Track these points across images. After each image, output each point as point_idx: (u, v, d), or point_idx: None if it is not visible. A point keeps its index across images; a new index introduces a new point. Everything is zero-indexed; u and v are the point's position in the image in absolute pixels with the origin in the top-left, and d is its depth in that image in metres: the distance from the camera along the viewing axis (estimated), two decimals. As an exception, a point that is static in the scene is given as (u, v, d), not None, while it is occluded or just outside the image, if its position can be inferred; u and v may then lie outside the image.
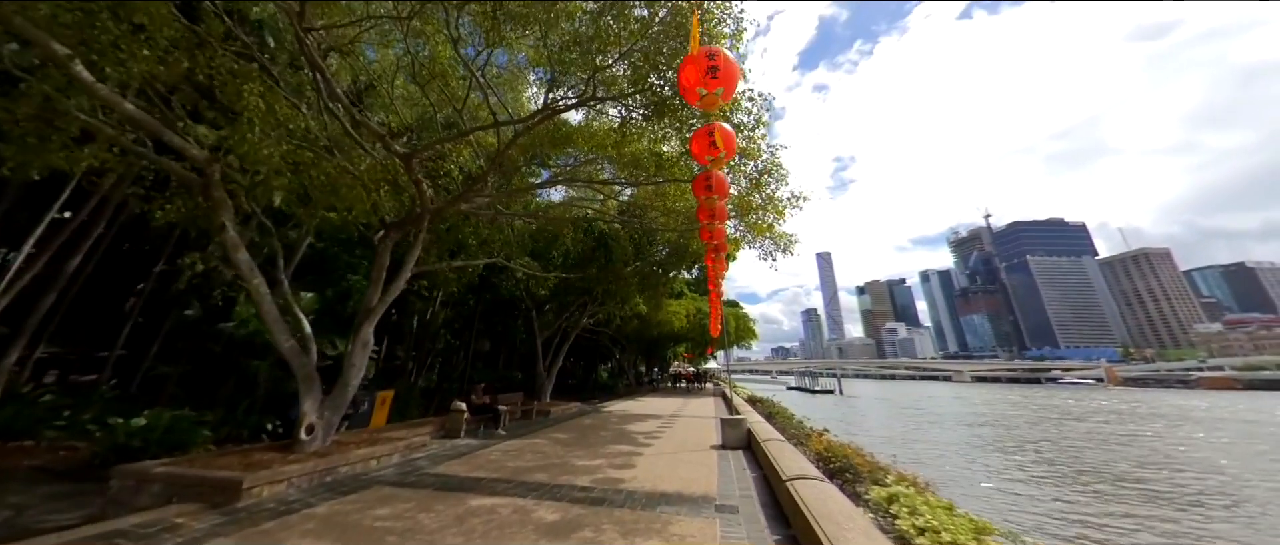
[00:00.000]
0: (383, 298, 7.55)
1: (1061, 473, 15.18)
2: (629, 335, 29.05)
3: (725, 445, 9.05)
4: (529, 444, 8.98)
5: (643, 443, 9.49)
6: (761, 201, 8.54)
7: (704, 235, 8.15)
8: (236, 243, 6.06)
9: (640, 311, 21.49)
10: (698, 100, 4.25)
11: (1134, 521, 10.92)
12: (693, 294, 31.89)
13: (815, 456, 6.39)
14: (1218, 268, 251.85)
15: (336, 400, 6.85)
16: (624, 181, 8.63)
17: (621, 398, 23.53)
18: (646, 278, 14.69)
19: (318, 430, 6.44)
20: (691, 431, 11.29)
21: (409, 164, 6.91)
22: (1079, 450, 19.84)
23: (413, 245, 7.74)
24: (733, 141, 5.90)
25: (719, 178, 5.75)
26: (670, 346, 40.51)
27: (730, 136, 5.72)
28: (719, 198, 6.51)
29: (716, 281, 11.05)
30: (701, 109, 4.75)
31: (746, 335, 34.05)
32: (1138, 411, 39.05)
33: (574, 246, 14.28)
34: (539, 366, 16.30)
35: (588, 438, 9.99)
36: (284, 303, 7.38)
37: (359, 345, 7.21)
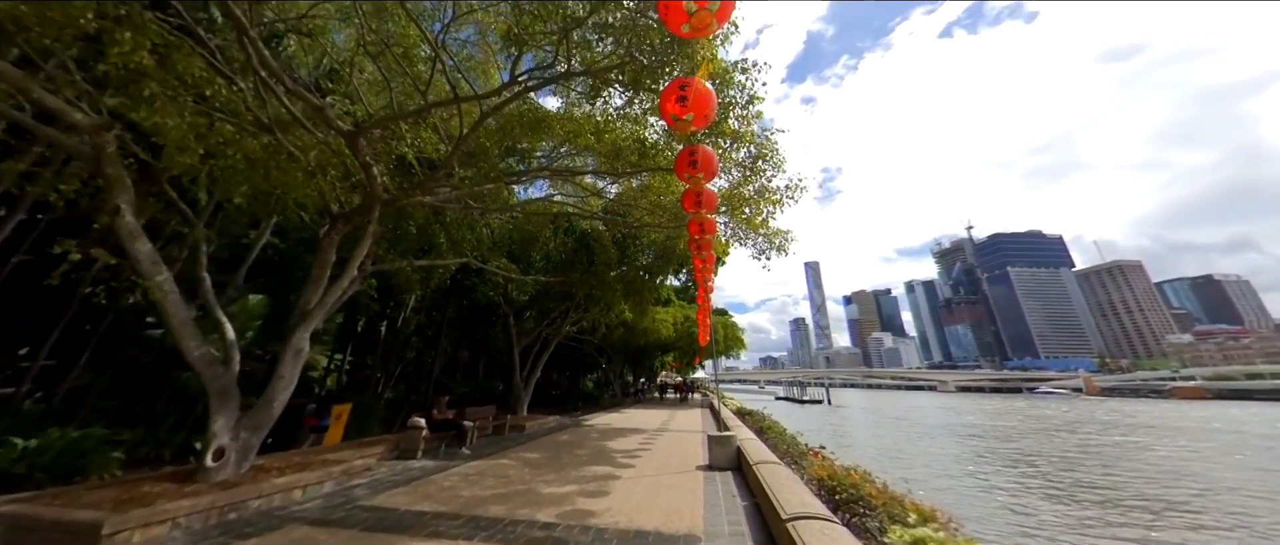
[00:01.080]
0: (324, 299, 6.56)
1: (1069, 491, 14.57)
2: (614, 344, 28.10)
3: (713, 466, 8.18)
4: (493, 466, 7.99)
5: (622, 463, 8.57)
6: (755, 192, 7.77)
7: (692, 227, 7.37)
8: (134, 230, 5.07)
9: (626, 319, 20.59)
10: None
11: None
12: (681, 302, 31.11)
13: (816, 482, 5.56)
14: (1187, 280, 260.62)
15: (258, 418, 5.83)
16: (604, 172, 7.82)
17: (606, 409, 22.51)
18: (631, 283, 13.86)
19: (230, 455, 5.41)
20: (676, 448, 10.39)
21: (355, 144, 6.00)
22: (1076, 463, 19.37)
23: (361, 239, 6.79)
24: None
25: (706, 153, 5.00)
26: (657, 356, 39.61)
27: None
28: (706, 175, 5.70)
29: (705, 284, 10.25)
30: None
31: (735, 344, 33.33)
32: (1121, 421, 39.18)
33: (554, 248, 13.39)
34: (516, 377, 15.25)
35: (561, 457, 9.03)
36: (206, 303, 6.37)
37: (290, 354, 6.20)
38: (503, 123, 7.78)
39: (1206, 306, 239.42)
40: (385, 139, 7.10)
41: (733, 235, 9.18)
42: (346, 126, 6.00)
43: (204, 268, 6.42)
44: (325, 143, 6.38)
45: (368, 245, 6.88)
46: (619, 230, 12.40)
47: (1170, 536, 10.72)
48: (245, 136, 5.58)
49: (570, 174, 9.53)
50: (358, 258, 6.78)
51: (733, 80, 6.02)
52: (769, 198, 7.74)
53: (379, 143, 7.11)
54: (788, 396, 71.63)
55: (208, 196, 7.69)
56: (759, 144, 7.00)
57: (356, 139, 5.99)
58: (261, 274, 13.10)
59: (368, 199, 6.64)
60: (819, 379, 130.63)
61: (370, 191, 6.54)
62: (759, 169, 7.32)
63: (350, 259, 6.76)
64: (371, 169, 6.32)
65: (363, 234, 6.74)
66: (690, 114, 4.26)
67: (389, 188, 7.35)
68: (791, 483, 5.14)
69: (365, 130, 6.01)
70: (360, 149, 6.10)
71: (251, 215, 11.92)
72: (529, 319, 16.95)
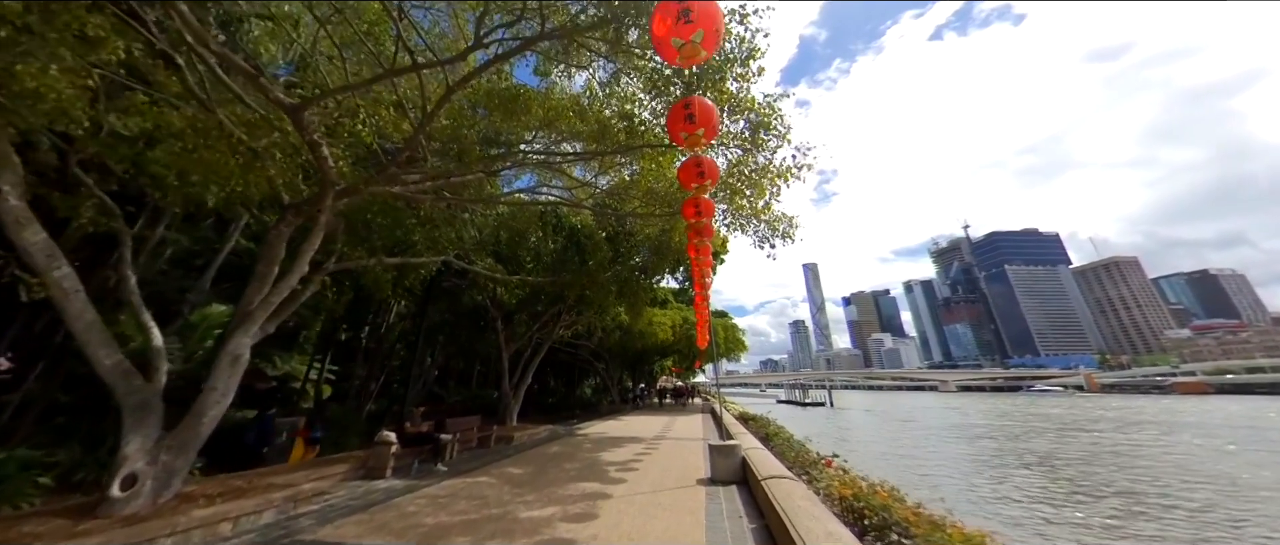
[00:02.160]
0: (267, 300, 5.75)
1: (1100, 494, 13.71)
2: (611, 348, 27.23)
3: (715, 479, 7.36)
4: (469, 485, 7.14)
5: (614, 478, 7.73)
6: (755, 171, 6.98)
7: (688, 210, 6.54)
8: (23, 216, 4.27)
9: (622, 321, 19.77)
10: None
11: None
12: (678, 304, 30.30)
13: (838, 502, 4.75)
14: (1183, 275, 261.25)
15: (183, 438, 4.99)
16: (591, 153, 7.02)
17: (603, 417, 21.62)
18: (626, 282, 13.06)
19: (144, 483, 4.57)
20: (675, 459, 9.55)
21: (299, 119, 5.21)
22: (1093, 463, 18.55)
23: (311, 231, 5.98)
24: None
25: (704, 104, 4.30)
26: (656, 360, 38.72)
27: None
28: (706, 133, 4.92)
29: (702, 278, 9.47)
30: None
31: (736, 347, 32.50)
32: (1129, 419, 38.43)
33: (544, 247, 12.58)
34: (504, 384, 14.38)
35: (548, 472, 8.18)
36: (130, 305, 5.54)
37: (225, 362, 5.38)
38: (475, 100, 7.03)
39: (1203, 301, 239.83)
40: (340, 118, 6.31)
41: (732, 223, 8.38)
42: (289, 99, 5.21)
43: (128, 265, 5.60)
44: (267, 119, 5.59)
45: (319, 237, 6.07)
46: (610, 224, 11.62)
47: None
48: (164, 108, 4.78)
49: (553, 162, 8.75)
50: (307, 252, 5.97)
51: (727, 30, 5.26)
52: (771, 176, 6.92)
53: (335, 122, 6.31)
54: (790, 399, 70.63)
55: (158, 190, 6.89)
56: (760, 110, 6.19)
57: (300, 114, 5.21)
58: (230, 279, 12.25)
59: (320, 185, 5.84)
60: (820, 381, 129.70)
61: (321, 175, 5.74)
62: (761, 142, 6.50)
63: (298, 253, 5.95)
64: (320, 149, 5.52)
65: (314, 225, 5.94)
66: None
67: (346, 174, 6.55)
68: (809, 504, 4.33)
69: (312, 104, 5.23)
70: (306, 126, 5.31)
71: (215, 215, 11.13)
72: (520, 323, 16.11)
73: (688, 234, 7.29)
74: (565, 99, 7.12)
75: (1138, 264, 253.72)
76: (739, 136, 6.58)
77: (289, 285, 5.88)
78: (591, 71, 6.90)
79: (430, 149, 7.79)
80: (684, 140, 4.70)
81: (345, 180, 6.39)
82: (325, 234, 8.58)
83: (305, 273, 6.09)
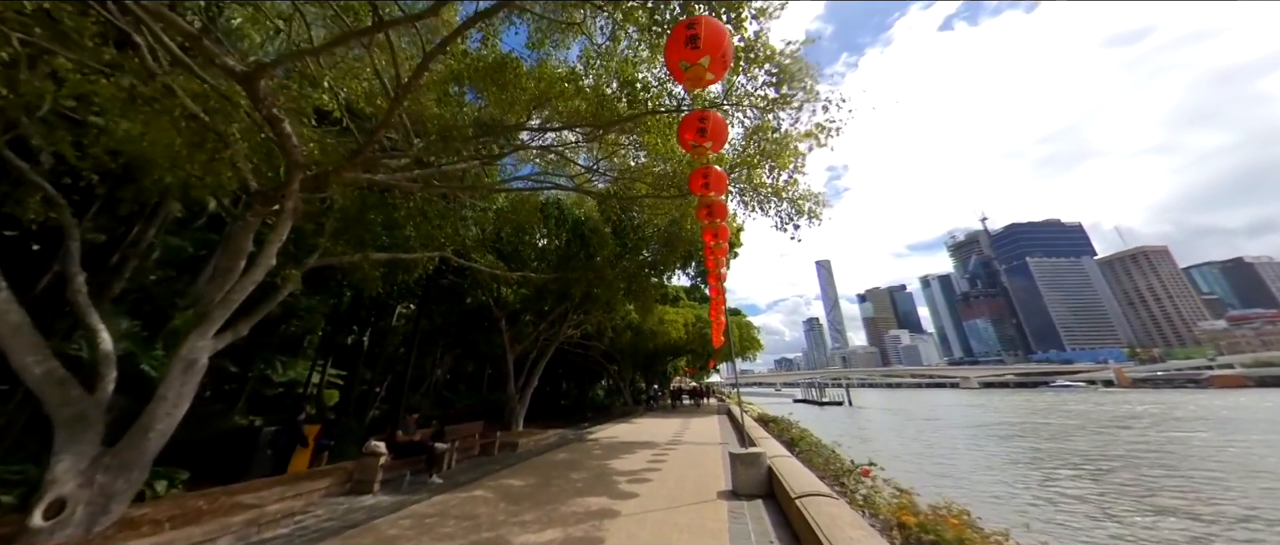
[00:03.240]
0: (228, 298, 5.10)
1: (1163, 502, 12.44)
2: (623, 349, 26.47)
3: (738, 492, 6.53)
4: (464, 500, 6.43)
5: (625, 490, 6.95)
6: (777, 137, 6.11)
7: (696, 183, 5.73)
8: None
9: (633, 320, 19.01)
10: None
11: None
12: (691, 302, 29.45)
13: (897, 528, 3.89)
14: (1216, 264, 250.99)
15: (126, 455, 4.35)
16: (588, 124, 6.25)
17: (615, 420, 20.86)
18: (634, 278, 12.30)
19: (75, 507, 3.93)
20: (692, 467, 8.74)
21: (254, 89, 4.56)
22: (1141, 464, 17.18)
23: (277, 221, 5.32)
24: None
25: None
26: (669, 360, 37.86)
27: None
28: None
29: (717, 270, 8.65)
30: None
31: (751, 345, 31.50)
32: (1169, 414, 36.39)
33: (547, 241, 11.89)
34: (509, 388, 13.71)
35: (552, 484, 7.44)
36: (77, 306, 4.94)
37: (178, 368, 4.74)
38: (459, 73, 6.35)
39: (1238, 290, 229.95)
40: (302, 89, 5.65)
41: (749, 202, 7.50)
42: (240, 67, 4.55)
43: (76, 263, 5.00)
44: (223, 95, 4.95)
45: (287, 227, 5.41)
46: (615, 212, 10.85)
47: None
48: (92, 76, 4.16)
49: (552, 148, 8.03)
50: (273, 243, 5.31)
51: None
52: (793, 145, 6.03)
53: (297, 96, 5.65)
54: (806, 399, 69.10)
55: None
56: (781, 60, 5.28)
57: (255, 83, 4.54)
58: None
59: (286, 168, 5.19)
60: (837, 379, 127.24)
61: (285, 156, 5.09)
62: (785, 98, 5.61)
63: (264, 245, 5.30)
64: (281, 125, 4.86)
65: (280, 213, 5.28)
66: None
67: (318, 157, 5.90)
68: (862, 534, 3.49)
69: (266, 71, 4.57)
70: (262, 97, 4.65)
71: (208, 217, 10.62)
72: (525, 323, 15.45)
73: (698, 212, 6.51)
74: (560, 71, 6.40)
75: (1167, 253, 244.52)
76: (755, 97, 5.70)
77: (253, 281, 5.23)
78: (588, 36, 6.15)
79: (405, 122, 7.11)
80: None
81: (317, 164, 5.74)
82: (308, 228, 7.99)
83: (272, 267, 5.44)
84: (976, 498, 12.61)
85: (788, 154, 6.23)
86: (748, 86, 5.58)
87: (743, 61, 5.05)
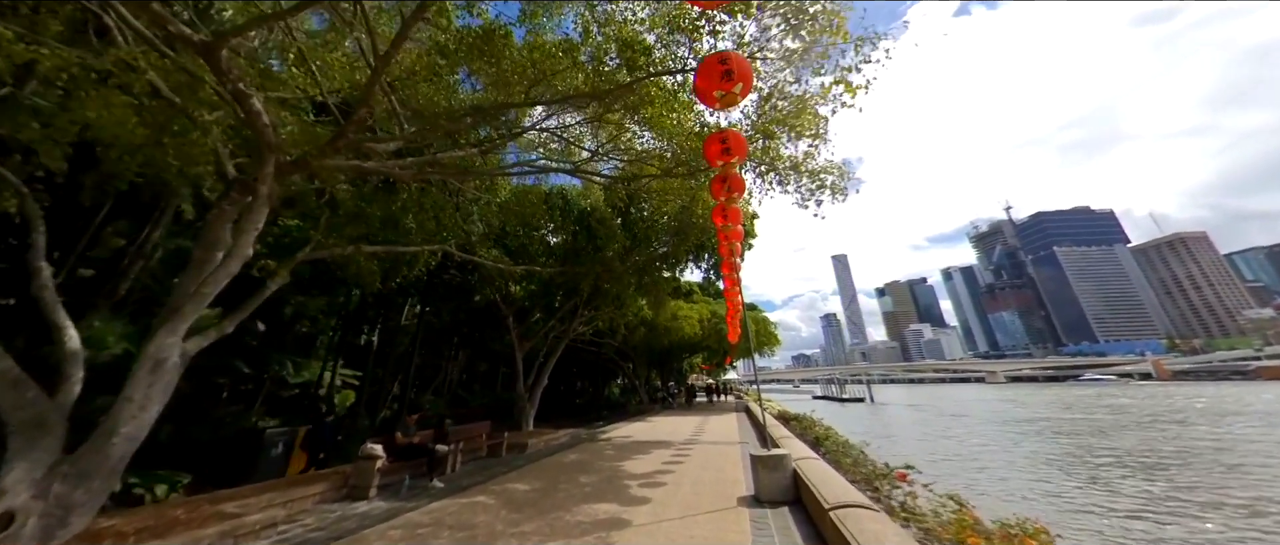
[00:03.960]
0: (199, 292, 4.72)
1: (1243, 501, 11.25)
2: (636, 346, 25.96)
3: (760, 497, 5.93)
4: (463, 507, 5.98)
5: (637, 496, 6.41)
6: (793, 105, 5.43)
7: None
8: None
9: (645, 316, 18.47)
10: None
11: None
12: (705, 298, 28.77)
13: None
14: (1261, 250, 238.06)
15: (87, 463, 3.98)
16: (586, 95, 5.70)
17: (631, 419, 20.37)
18: (644, 270, 11.73)
19: (26, 520, 3.56)
20: (709, 469, 8.15)
21: (214, 59, 4.14)
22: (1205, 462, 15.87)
23: (251, 208, 4.92)
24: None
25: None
26: (685, 357, 37.24)
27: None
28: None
29: (731, 260, 8.02)
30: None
31: (769, 341, 30.65)
32: (1219, 407, 34.22)
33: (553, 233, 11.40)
34: (518, 386, 13.30)
35: (559, 488, 6.95)
36: (43, 302, 4.62)
37: (145, 368, 4.37)
38: (444, 44, 5.88)
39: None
40: (265, 59, 5.24)
41: (766, 177, 6.80)
42: (198, 36, 4.13)
43: (41, 255, 4.68)
44: (180, 66, 4.55)
45: (262, 215, 5.00)
46: (621, 198, 10.31)
47: None
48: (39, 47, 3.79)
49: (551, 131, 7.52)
50: (248, 231, 4.91)
51: None
52: (810, 108, 5.32)
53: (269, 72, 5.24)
54: (826, 395, 67.59)
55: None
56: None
57: (216, 53, 4.12)
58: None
59: (258, 149, 4.77)
60: (856, 375, 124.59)
61: (257, 135, 4.67)
62: (807, 47, 4.84)
63: (238, 234, 4.90)
64: (249, 101, 4.44)
65: (253, 200, 4.87)
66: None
67: (297, 140, 5.49)
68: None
69: (228, 38, 4.15)
70: (225, 70, 4.23)
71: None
72: (534, 320, 15.03)
73: (712, 185, 5.93)
74: (554, 41, 5.88)
75: (1207, 239, 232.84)
76: (770, 49, 5.01)
77: (228, 273, 4.84)
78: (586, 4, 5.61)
79: (409, 121, 6.67)
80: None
81: (292, 147, 5.33)
82: (293, 223, 7.63)
83: (249, 258, 5.04)
84: (1024, 502, 11.68)
85: (807, 117, 5.55)
86: (759, 38, 4.89)
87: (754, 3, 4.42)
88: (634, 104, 5.85)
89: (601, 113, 6.50)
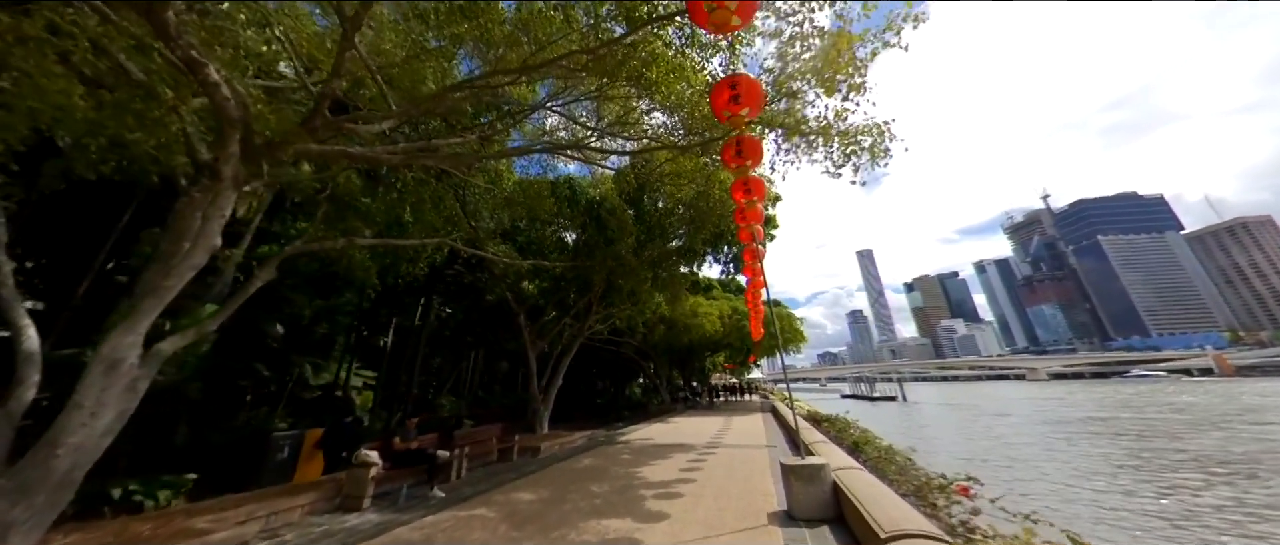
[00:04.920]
0: (160, 286, 4.27)
1: None
2: (656, 345, 25.24)
3: (794, 514, 5.14)
4: (461, 520, 5.41)
5: (652, 510, 5.71)
6: (817, 59, 4.61)
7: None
8: None
9: (663, 313, 17.74)
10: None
11: None
12: (726, 294, 27.83)
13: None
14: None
15: (26, 477, 3.56)
16: (580, 52, 5.02)
17: (652, 419, 19.68)
18: (659, 263, 11.02)
19: (-51, 547, 3.13)
20: (734, 478, 7.38)
21: (157, 19, 3.67)
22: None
23: (215, 192, 4.44)
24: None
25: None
26: (706, 356, 36.28)
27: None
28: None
29: (753, 245, 7.23)
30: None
31: (795, 338, 29.43)
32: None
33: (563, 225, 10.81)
34: (532, 387, 12.79)
35: (568, 499, 6.31)
36: (3, 301, 4.26)
37: (99, 369, 3.93)
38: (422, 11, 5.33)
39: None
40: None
41: (790, 146, 5.94)
42: None
43: (2, 251, 4.31)
44: (121, 29, 4.10)
45: (228, 200, 4.54)
46: (630, 184, 9.62)
47: None
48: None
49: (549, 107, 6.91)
50: (213, 219, 4.44)
51: None
52: (845, 52, 4.45)
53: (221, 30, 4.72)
54: (855, 394, 65.23)
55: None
56: None
57: (160, 12, 3.64)
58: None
59: (219, 125, 4.29)
60: (886, 373, 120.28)
61: (216, 110, 4.19)
62: None
63: (204, 220, 4.44)
64: (205, 70, 3.95)
65: (216, 179, 4.40)
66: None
67: (269, 120, 5.01)
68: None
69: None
70: (174, 35, 3.75)
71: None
72: (548, 319, 14.51)
73: (724, 152, 5.20)
74: (544, 12, 5.24)
75: (1272, 223, 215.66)
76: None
77: (191, 265, 4.38)
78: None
79: (397, 102, 6.15)
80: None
81: (264, 128, 4.85)
82: (277, 224, 7.23)
83: (215, 248, 4.58)
84: (1104, 516, 10.36)
85: (839, 60, 4.67)
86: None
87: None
88: (637, 69, 5.17)
89: (605, 83, 5.84)
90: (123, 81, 4.35)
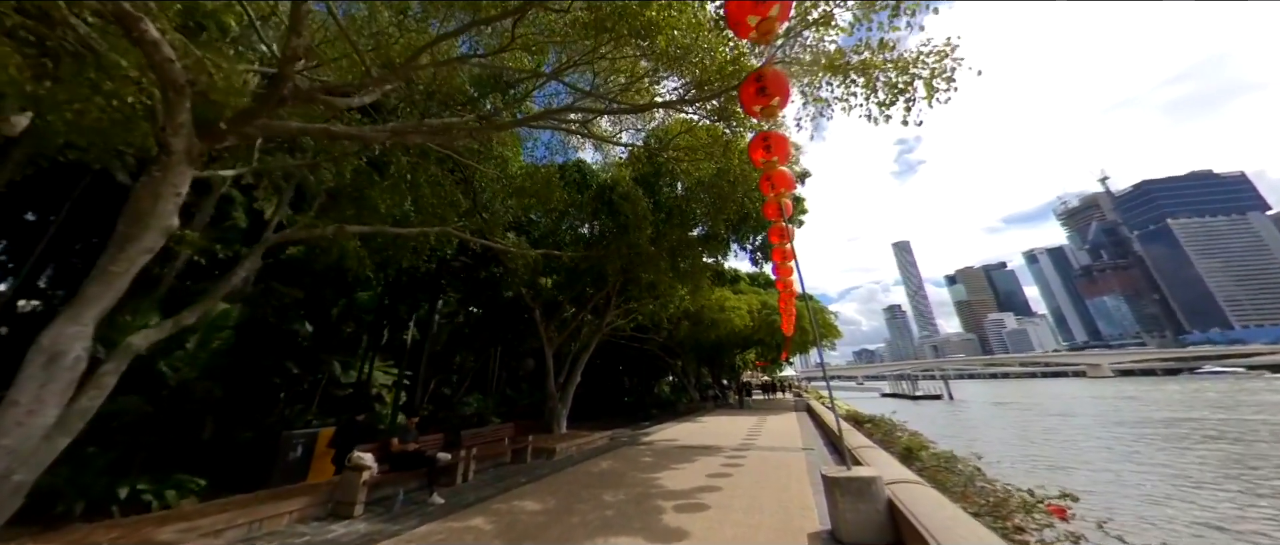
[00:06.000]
0: (109, 272, 3.84)
1: None
2: (682, 341, 24.36)
3: (839, 537, 4.24)
4: (454, 532, 4.81)
5: (670, 526, 4.93)
6: None
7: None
8: None
9: (687, 307, 16.87)
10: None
11: None
12: (754, 288, 26.59)
13: None
14: None
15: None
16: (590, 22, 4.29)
17: (679, 419, 18.87)
18: (679, 251, 10.20)
19: None
20: (768, 485, 6.50)
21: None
22: None
23: (165, 168, 3.98)
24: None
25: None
26: (735, 352, 35.01)
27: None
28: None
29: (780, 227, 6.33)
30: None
31: (829, 333, 27.86)
32: None
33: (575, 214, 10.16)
34: (548, 385, 12.24)
35: (576, 508, 5.62)
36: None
37: (37, 362, 3.53)
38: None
39: None
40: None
41: (820, 88, 4.95)
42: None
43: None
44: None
45: (182, 178, 4.06)
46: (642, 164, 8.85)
47: None
48: None
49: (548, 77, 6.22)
50: (166, 199, 3.98)
51: None
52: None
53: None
54: (896, 393, 61.90)
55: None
56: None
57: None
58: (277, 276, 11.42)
59: (163, 93, 3.82)
60: (928, 370, 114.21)
61: (157, 74, 3.71)
62: None
63: (155, 199, 3.98)
64: (139, 24, 3.47)
65: (165, 155, 3.93)
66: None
67: (234, 90, 4.54)
68: None
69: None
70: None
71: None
72: (567, 315, 13.95)
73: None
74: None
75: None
76: None
77: (144, 249, 3.94)
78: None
79: (384, 76, 5.62)
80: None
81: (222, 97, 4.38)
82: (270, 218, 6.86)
83: (173, 230, 4.13)
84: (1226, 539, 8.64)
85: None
86: None
87: None
88: (635, 10, 4.40)
89: (605, 39, 5.09)
90: (66, 48, 3.95)
